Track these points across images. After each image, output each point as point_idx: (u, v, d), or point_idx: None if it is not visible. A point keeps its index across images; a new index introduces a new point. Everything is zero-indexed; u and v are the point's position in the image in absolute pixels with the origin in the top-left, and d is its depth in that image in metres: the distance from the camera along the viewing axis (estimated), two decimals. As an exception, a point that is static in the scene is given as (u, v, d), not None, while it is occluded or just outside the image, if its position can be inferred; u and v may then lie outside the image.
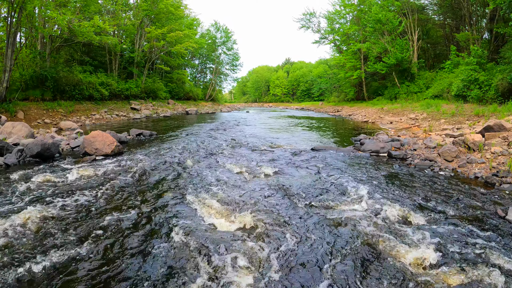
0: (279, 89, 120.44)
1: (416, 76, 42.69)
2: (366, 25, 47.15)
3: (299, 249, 5.52)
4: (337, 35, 62.26)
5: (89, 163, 12.04)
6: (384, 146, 14.13)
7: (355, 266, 4.98)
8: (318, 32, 65.94)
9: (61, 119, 26.50)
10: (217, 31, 78.43)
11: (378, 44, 45.71)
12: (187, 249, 5.53)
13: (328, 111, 57.20)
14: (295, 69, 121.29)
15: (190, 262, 5.16)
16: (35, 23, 29.92)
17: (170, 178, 10.10)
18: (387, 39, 44.30)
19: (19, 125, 15.89)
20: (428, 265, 5.05)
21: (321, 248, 5.54)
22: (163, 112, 44.13)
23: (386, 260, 5.14)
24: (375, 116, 34.45)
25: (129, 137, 18.56)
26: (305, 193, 8.47)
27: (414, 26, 43.54)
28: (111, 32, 40.49)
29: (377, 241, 5.70)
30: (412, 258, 5.20)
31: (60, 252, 5.47)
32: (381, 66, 44.12)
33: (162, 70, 55.84)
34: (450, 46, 37.59)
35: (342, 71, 58.40)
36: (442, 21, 46.19)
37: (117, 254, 5.41)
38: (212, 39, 77.31)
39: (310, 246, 5.64)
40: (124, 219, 6.75)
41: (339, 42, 63.98)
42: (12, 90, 26.37)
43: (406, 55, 42.15)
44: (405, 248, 5.44)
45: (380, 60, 45.88)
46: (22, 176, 9.96)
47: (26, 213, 6.78)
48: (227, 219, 6.86)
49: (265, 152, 14.58)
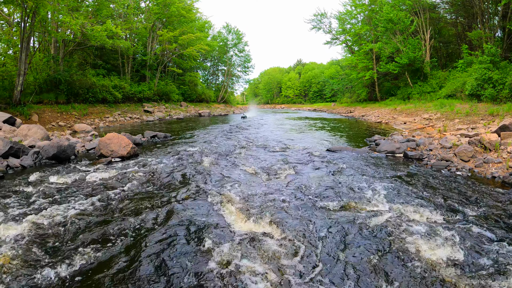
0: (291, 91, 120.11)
1: (429, 75, 42.23)
2: (378, 25, 46.72)
3: (320, 251, 5.48)
4: (348, 35, 61.67)
5: (105, 165, 12.08)
6: (400, 146, 14.02)
7: (375, 265, 4.97)
8: (329, 32, 65.46)
9: (75, 122, 26.71)
10: (229, 33, 78.45)
11: (390, 44, 45.29)
12: (206, 249, 5.52)
13: (340, 112, 56.98)
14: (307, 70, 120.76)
15: (209, 262, 5.13)
16: (48, 28, 30.15)
17: (187, 179, 10.09)
18: (399, 38, 43.91)
19: (35, 128, 15.93)
20: (448, 264, 5.00)
21: (341, 248, 5.54)
22: (176, 114, 44.25)
23: (405, 259, 5.12)
24: (388, 116, 34.20)
25: (144, 139, 18.61)
26: (323, 193, 8.41)
27: (426, 25, 43.12)
28: (124, 35, 40.65)
29: (398, 241, 5.68)
30: (431, 257, 5.16)
31: (78, 253, 5.46)
32: (393, 66, 43.68)
33: (175, 73, 56.06)
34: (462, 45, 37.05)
35: (354, 72, 57.94)
36: (454, 20, 45.67)
37: (136, 256, 5.39)
38: (224, 41, 77.29)
39: (330, 247, 5.61)
40: (142, 221, 6.74)
41: (351, 42, 63.41)
42: (27, 93, 26.54)
43: (419, 55, 41.70)
44: (425, 247, 5.41)
45: (392, 60, 45.45)
46: (39, 178, 10.00)
47: (44, 215, 6.82)
48: (246, 219, 6.81)
49: (280, 153, 14.53)
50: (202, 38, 55.94)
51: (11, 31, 30.19)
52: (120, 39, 37.11)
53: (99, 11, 35.73)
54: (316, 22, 65.00)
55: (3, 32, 30.96)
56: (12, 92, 24.20)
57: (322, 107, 79.89)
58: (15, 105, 23.53)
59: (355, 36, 59.65)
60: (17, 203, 7.68)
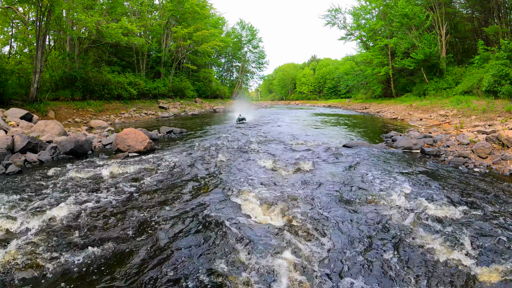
0: (306, 87, 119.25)
1: (444, 71, 41.42)
2: (393, 20, 46.18)
3: (339, 245, 5.45)
4: (363, 31, 60.99)
5: (123, 159, 12.10)
6: (417, 142, 13.86)
7: (392, 259, 4.94)
8: (344, 28, 65.01)
9: (91, 118, 26.90)
10: (243, 29, 78.51)
11: (406, 39, 44.62)
12: (228, 243, 5.51)
13: (355, 108, 56.45)
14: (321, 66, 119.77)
15: (231, 255, 5.12)
16: (63, 26, 30.36)
17: (204, 173, 10.08)
18: (414, 34, 43.23)
19: (52, 123, 16.00)
20: (467, 259, 4.94)
21: (361, 241, 5.52)
22: (191, 110, 44.38)
23: (424, 254, 5.08)
24: (404, 113, 33.79)
25: (160, 135, 18.62)
26: (341, 189, 8.34)
27: (442, 20, 42.33)
28: (138, 33, 40.80)
29: (417, 236, 5.64)
30: (450, 252, 5.11)
31: (96, 244, 5.48)
32: (409, 62, 43.05)
33: (189, 69, 56.20)
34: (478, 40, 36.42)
35: (369, 68, 57.26)
36: (470, 15, 44.91)
37: (154, 247, 5.39)
38: (238, 38, 77.38)
39: (349, 241, 5.59)
40: (160, 213, 6.76)
41: (366, 38, 62.79)
42: (43, 90, 26.89)
43: (434, 50, 40.94)
44: (444, 243, 5.37)
45: (407, 55, 44.77)
46: (56, 172, 10.05)
47: (62, 208, 6.85)
48: (266, 213, 6.79)
49: (296, 148, 14.45)
50: (216, 34, 56.00)
51: (26, 29, 30.50)
52: (134, 36, 37.28)
53: (113, 9, 35.94)
54: (330, 17, 64.59)
55: (19, 31, 31.31)
56: (28, 89, 24.50)
57: (337, 104, 79.22)
58: (32, 102, 23.75)
59: (370, 32, 59.06)
60: (35, 196, 7.72)
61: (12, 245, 5.30)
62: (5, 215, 6.42)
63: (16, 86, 24.62)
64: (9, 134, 13.11)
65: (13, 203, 7.15)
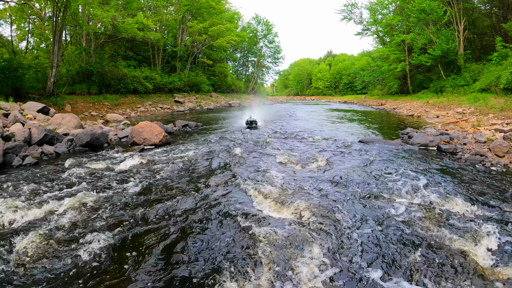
0: (321, 82, 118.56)
1: (462, 68, 40.53)
2: (410, 15, 45.32)
3: (354, 240, 5.43)
4: (379, 26, 59.99)
5: (138, 152, 12.16)
6: (433, 139, 13.67)
7: (408, 256, 4.91)
8: (360, 23, 64.07)
9: (107, 112, 27.09)
10: (258, 24, 78.19)
11: (423, 35, 43.73)
12: (242, 235, 5.53)
13: (371, 104, 55.94)
14: (337, 62, 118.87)
15: (245, 248, 5.14)
16: (79, 21, 30.47)
17: (219, 167, 10.10)
18: (431, 29, 42.40)
19: (68, 117, 16.10)
20: (483, 258, 4.90)
21: (375, 237, 5.49)
22: (206, 104, 44.47)
23: (440, 251, 5.03)
24: (420, 109, 33.33)
25: (175, 128, 18.69)
26: (356, 184, 8.28)
27: (460, 16, 41.42)
28: (154, 27, 40.94)
29: (433, 234, 5.59)
30: (466, 250, 5.07)
31: (112, 233, 5.53)
32: (426, 58, 42.24)
33: (205, 64, 56.27)
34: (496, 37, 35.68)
35: (385, 64, 56.41)
36: (489, 11, 43.92)
37: (167, 240, 5.41)
38: (253, 32, 77.07)
39: (362, 237, 5.54)
40: (176, 205, 6.78)
41: (382, 33, 61.74)
42: (60, 84, 27.19)
43: (452, 46, 40.18)
44: (460, 241, 5.30)
45: (425, 51, 44.00)
46: (73, 164, 10.14)
47: (78, 198, 6.90)
48: (281, 207, 6.75)
49: (312, 143, 14.43)
50: (232, 29, 55.89)
51: (43, 25, 30.76)
52: (150, 31, 37.38)
53: (129, 4, 36.07)
54: (346, 12, 63.84)
55: (35, 26, 31.57)
56: (45, 84, 24.71)
57: (353, 99, 78.59)
58: (49, 96, 23.94)
59: (386, 27, 58.17)
60: (52, 187, 7.80)
61: (31, 233, 5.37)
62: (22, 205, 6.51)
63: (33, 81, 24.91)
64: (26, 126, 13.18)
65: (30, 193, 7.24)
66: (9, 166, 9.86)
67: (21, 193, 7.24)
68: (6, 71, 21.13)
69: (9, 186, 7.74)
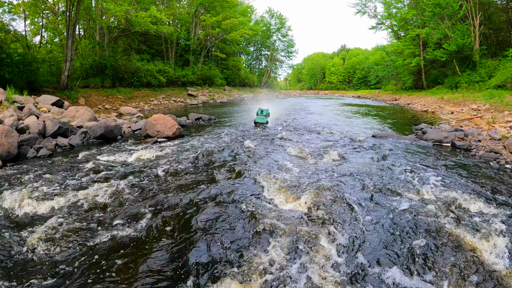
0: (335, 77, 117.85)
1: (477, 64, 39.66)
2: (425, 9, 44.55)
3: (365, 233, 5.42)
4: (394, 20, 59.12)
5: (151, 144, 12.22)
6: (448, 135, 13.50)
7: (419, 253, 4.86)
8: (374, 17, 63.34)
9: (121, 105, 27.23)
10: (271, 17, 78.00)
11: (438, 29, 42.92)
12: (255, 226, 5.52)
13: (385, 99, 55.44)
14: (351, 56, 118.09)
15: (258, 240, 5.14)
16: (92, 15, 30.66)
17: (232, 159, 10.09)
18: (447, 24, 41.65)
19: (82, 109, 16.18)
20: (496, 256, 4.83)
21: (386, 233, 5.45)
22: (220, 98, 44.51)
23: (452, 249, 4.97)
24: (434, 105, 32.95)
25: (188, 121, 18.74)
26: (369, 179, 8.19)
27: (475, 11, 40.45)
28: (167, 21, 41.01)
29: (445, 230, 5.49)
30: (479, 248, 5.00)
31: (125, 224, 5.57)
32: (441, 53, 41.58)
33: (218, 57, 56.28)
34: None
35: (400, 58, 55.68)
36: (505, 5, 42.89)
37: (182, 229, 5.46)
38: (267, 26, 76.89)
39: (374, 231, 5.53)
40: (189, 196, 6.78)
41: (397, 27, 60.85)
42: (73, 78, 27.38)
43: (467, 42, 39.40)
44: (472, 238, 5.22)
45: (440, 46, 43.28)
46: (86, 155, 10.22)
47: (91, 190, 6.94)
48: (293, 200, 6.74)
49: (325, 137, 14.39)
50: (245, 22, 55.76)
51: (56, 20, 30.97)
52: (163, 25, 37.50)
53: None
54: (360, 6, 63.21)
55: (49, 21, 31.75)
56: (59, 77, 24.90)
57: (367, 94, 78.05)
58: (63, 89, 24.12)
59: (401, 21, 57.27)
60: (66, 178, 7.84)
61: (44, 223, 5.43)
62: (37, 195, 6.57)
63: (47, 74, 25.16)
64: (40, 119, 13.26)
65: (45, 184, 7.28)
66: (23, 158, 9.95)
67: (35, 184, 7.27)
68: (20, 65, 21.38)
69: (23, 177, 7.79)
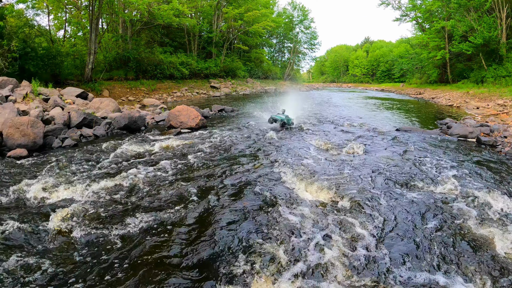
0: (358, 69, 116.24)
1: (504, 58, 38.19)
2: (450, 1, 43.53)
3: (387, 227, 5.34)
4: (419, 12, 57.77)
5: (175, 135, 12.30)
6: (473, 131, 13.24)
7: (442, 247, 4.79)
8: (398, 9, 62.03)
9: (144, 97, 27.55)
10: (294, 9, 77.37)
11: (464, 21, 41.67)
12: (277, 217, 5.51)
13: (409, 93, 54.49)
14: (375, 49, 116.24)
15: (281, 230, 5.12)
16: (115, 9, 30.93)
17: (255, 150, 10.06)
18: (473, 16, 40.41)
19: (106, 101, 16.32)
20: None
21: (410, 227, 5.39)
22: (242, 90, 44.61)
23: (475, 244, 4.87)
24: (460, 100, 32.29)
25: (211, 113, 18.78)
26: (392, 172, 8.11)
27: (502, 2, 38.75)
28: (189, 14, 41.13)
29: (468, 226, 5.42)
30: (503, 244, 4.90)
31: (149, 212, 5.60)
32: (466, 46, 40.29)
33: (240, 50, 56.13)
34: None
35: (424, 51, 54.27)
36: (534, -2, 41.69)
37: (205, 217, 5.49)
38: (289, 18, 76.37)
39: (398, 224, 5.45)
40: (213, 186, 6.81)
41: (421, 19, 59.47)
42: (97, 71, 27.84)
43: (494, 35, 38.01)
44: (496, 235, 5.12)
45: (465, 39, 42.08)
46: (111, 145, 10.33)
47: (116, 178, 7.02)
48: (316, 192, 6.72)
49: (349, 130, 14.28)
50: (267, 14, 55.42)
51: (79, 14, 31.29)
52: (186, 17, 37.65)
53: (164, -10, 36.21)
54: (384, -3, 62.20)
55: (72, 15, 32.08)
56: (83, 70, 25.41)
57: (390, 88, 76.88)
58: (87, 81, 24.54)
59: (426, 13, 55.96)
60: (90, 167, 7.96)
61: (70, 210, 5.47)
62: (62, 183, 6.66)
63: (72, 67, 25.72)
64: (65, 110, 13.39)
65: (70, 172, 7.42)
66: (49, 148, 10.12)
67: (60, 172, 7.38)
68: (45, 59, 21.85)
69: (49, 166, 7.89)
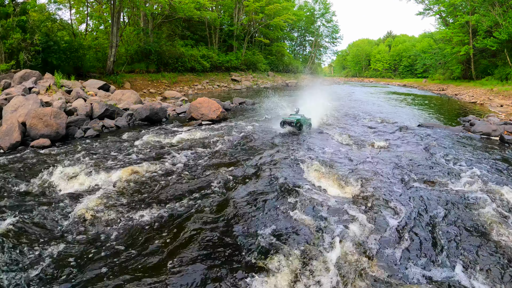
0: (380, 64, 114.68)
1: None
2: (475, -6, 42.64)
3: (410, 223, 5.28)
4: (442, 5, 56.35)
5: (196, 127, 12.36)
6: (496, 129, 12.94)
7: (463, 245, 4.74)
8: (422, 2, 60.76)
9: (165, 89, 27.70)
10: (315, 2, 76.86)
11: (488, 16, 40.51)
12: (297, 209, 5.49)
13: (432, 89, 53.54)
14: (397, 43, 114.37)
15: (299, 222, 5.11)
16: (136, 3, 31.02)
17: (276, 143, 10.05)
18: (498, 11, 39.14)
19: (128, 93, 16.46)
20: None
21: (429, 223, 5.34)
22: (263, 83, 44.59)
23: (496, 243, 4.80)
24: (483, 97, 31.63)
25: (232, 105, 18.83)
26: (414, 168, 8.01)
27: None
28: (210, 7, 41.18)
29: (490, 224, 5.29)
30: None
31: (170, 201, 5.66)
32: (491, 41, 39.17)
33: (261, 43, 56.06)
34: None
35: (448, 46, 52.96)
36: (561, -8, 40.37)
37: (225, 207, 5.48)
38: (311, 11, 75.93)
39: (419, 221, 5.39)
40: (234, 177, 6.82)
41: (445, 13, 58.03)
42: (119, 63, 28.16)
43: (520, 31, 37.32)
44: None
45: (490, 35, 41.01)
46: (132, 136, 10.48)
47: (137, 167, 7.07)
48: (337, 186, 6.70)
49: (371, 125, 14.11)
50: (289, 8, 55.24)
51: (101, 8, 31.66)
52: (207, 11, 37.67)
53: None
54: (407, -11, 61.24)
55: (94, 9, 32.42)
56: (105, 63, 25.77)
57: (413, 83, 75.73)
58: (108, 74, 24.84)
59: (449, 7, 54.56)
60: (112, 157, 8.06)
61: (89, 198, 5.61)
62: (84, 172, 6.77)
63: (94, 60, 26.16)
64: (88, 102, 13.53)
65: (91, 162, 7.47)
66: (71, 138, 10.28)
67: (82, 161, 7.48)
68: (67, 52, 22.26)
69: (71, 155, 8.02)
